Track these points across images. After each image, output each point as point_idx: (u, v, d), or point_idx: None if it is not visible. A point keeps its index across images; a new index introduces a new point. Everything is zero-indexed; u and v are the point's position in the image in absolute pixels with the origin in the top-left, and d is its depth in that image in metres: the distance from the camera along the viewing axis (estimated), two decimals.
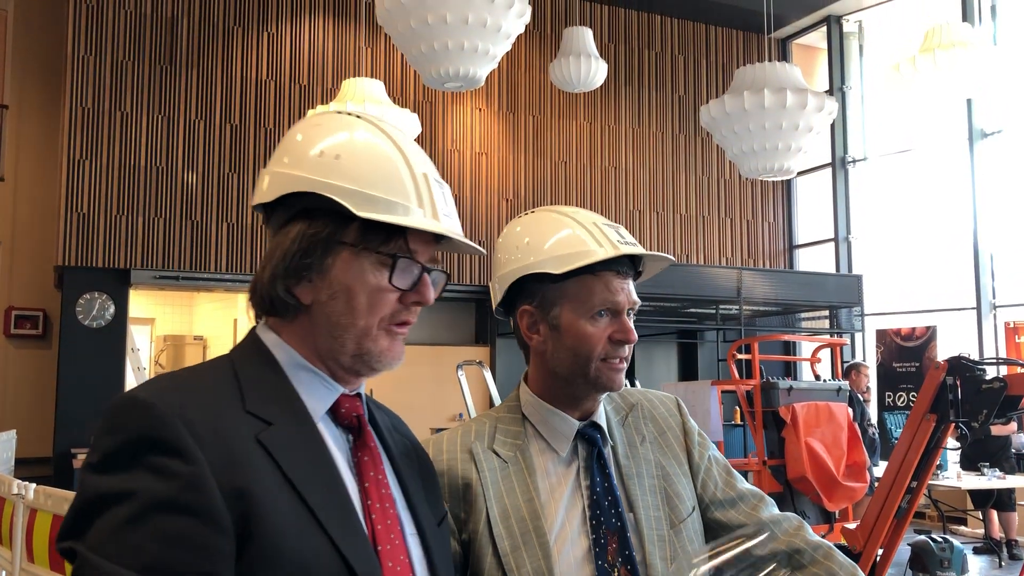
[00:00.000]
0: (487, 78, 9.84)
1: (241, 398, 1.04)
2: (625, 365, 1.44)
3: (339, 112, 1.17)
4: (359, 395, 1.16)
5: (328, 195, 1.07)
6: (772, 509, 1.51)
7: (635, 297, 1.44)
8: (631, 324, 1.43)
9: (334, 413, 1.12)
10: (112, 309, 9.15)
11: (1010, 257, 9.98)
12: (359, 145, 1.12)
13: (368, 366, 1.11)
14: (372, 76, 9.75)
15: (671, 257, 1.46)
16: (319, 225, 1.09)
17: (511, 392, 1.54)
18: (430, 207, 1.12)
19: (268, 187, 1.12)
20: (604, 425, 1.48)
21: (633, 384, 10.47)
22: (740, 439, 9.13)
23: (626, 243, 1.42)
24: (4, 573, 4.11)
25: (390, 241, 1.10)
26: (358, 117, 1.16)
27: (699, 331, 11.70)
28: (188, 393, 1.01)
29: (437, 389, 9.89)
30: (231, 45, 9.89)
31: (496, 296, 1.52)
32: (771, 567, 1.26)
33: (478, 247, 1.18)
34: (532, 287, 1.44)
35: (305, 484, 1.00)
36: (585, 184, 11.36)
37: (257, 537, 0.95)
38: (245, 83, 9.91)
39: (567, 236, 1.42)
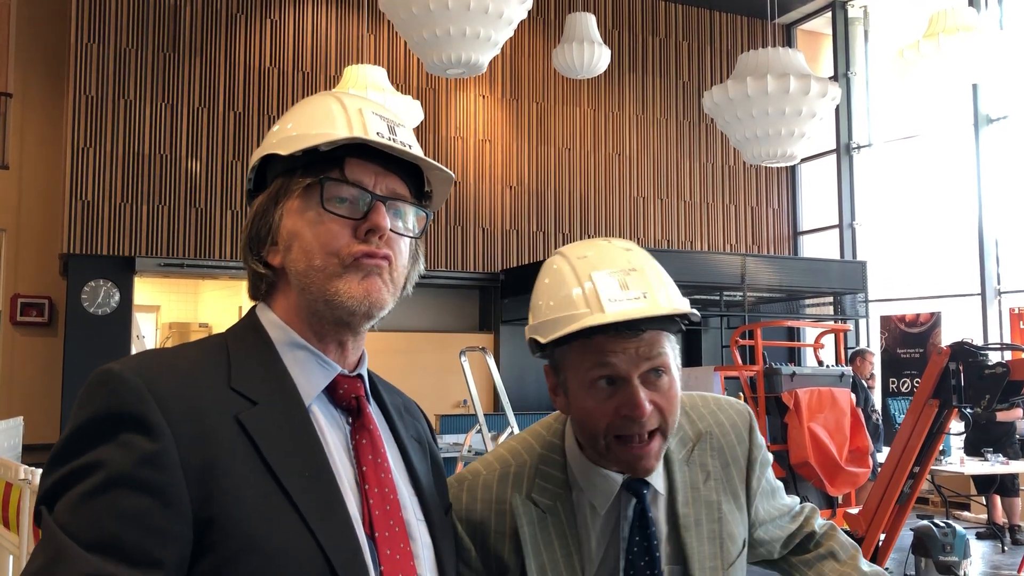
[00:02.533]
0: (490, 65, 9.81)
1: (228, 375, 1.01)
2: (656, 443, 1.23)
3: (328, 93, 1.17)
4: (360, 376, 1.11)
5: (267, 152, 1.09)
6: (798, 519, 1.51)
7: (653, 357, 1.20)
8: (651, 388, 1.21)
9: (332, 394, 1.07)
10: (117, 296, 9.18)
11: (1015, 243, 9.96)
12: (300, 106, 1.14)
13: (346, 310, 1.05)
14: (375, 63, 9.74)
15: (695, 313, 1.23)
16: (272, 187, 1.09)
17: (555, 416, 1.39)
18: (362, 129, 1.07)
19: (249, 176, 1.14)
20: (658, 478, 1.32)
21: None
22: None
23: (625, 300, 1.20)
24: (12, 558, 4.15)
25: (330, 172, 1.07)
26: (331, 92, 1.16)
27: (703, 317, 11.70)
28: (166, 367, 0.99)
29: (441, 376, 9.92)
30: (234, 32, 9.89)
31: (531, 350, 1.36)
32: None
33: (437, 164, 1.12)
34: (544, 347, 1.28)
35: (284, 467, 0.96)
36: (589, 171, 11.35)
37: (220, 521, 0.91)
38: (248, 70, 9.91)
39: (560, 297, 1.25)
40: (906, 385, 10.00)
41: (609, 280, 1.21)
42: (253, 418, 0.97)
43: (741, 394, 9.76)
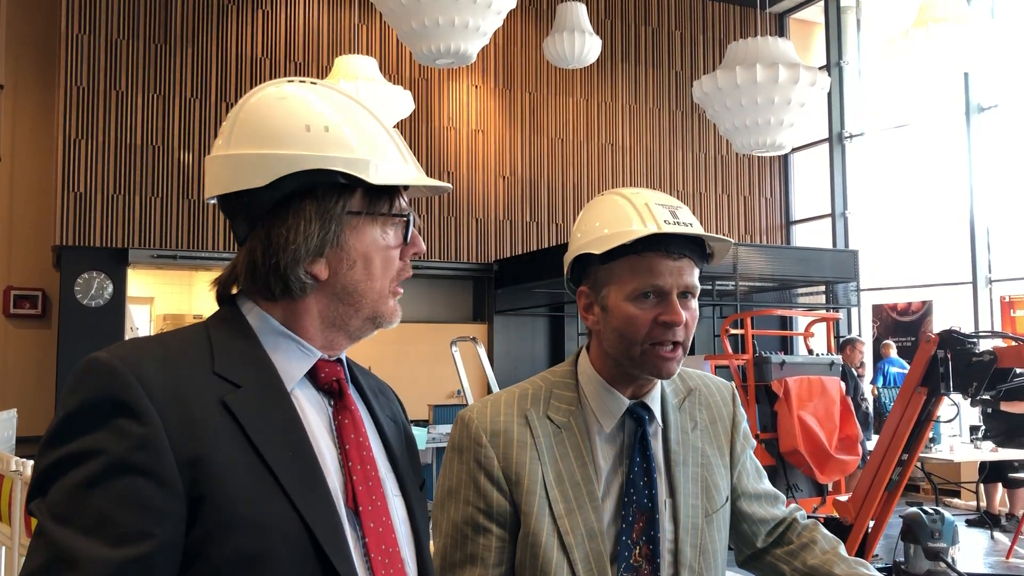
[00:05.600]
0: (483, 55, 9.78)
1: (211, 360, 1.05)
2: (679, 352, 1.41)
3: (288, 81, 1.16)
4: (340, 360, 1.16)
5: (336, 169, 1.08)
6: (782, 507, 1.62)
7: (689, 280, 1.40)
8: (681, 307, 1.40)
9: (314, 379, 1.12)
10: (110, 288, 9.18)
11: (1006, 231, 9.99)
12: (340, 113, 1.13)
13: (376, 327, 1.15)
14: (367, 53, 9.73)
15: (730, 239, 1.44)
16: (329, 200, 1.10)
17: (568, 358, 1.55)
18: (411, 158, 1.16)
19: (251, 172, 1.08)
20: (657, 407, 1.49)
21: None
22: None
23: (677, 223, 1.39)
24: (4, 549, 4.17)
25: (393, 201, 1.14)
26: (313, 83, 1.17)
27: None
28: (152, 355, 1.02)
29: (434, 366, 9.94)
30: (225, 23, 9.86)
31: (566, 276, 1.53)
32: None
33: (445, 184, 1.20)
34: (587, 268, 1.46)
35: (269, 447, 1.01)
36: (582, 161, 11.35)
37: (210, 500, 0.96)
38: (240, 61, 9.89)
39: (614, 216, 1.43)
40: None
41: (661, 208, 1.41)
42: (237, 401, 1.02)
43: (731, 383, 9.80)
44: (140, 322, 11.56)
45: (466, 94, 10.82)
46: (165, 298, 12.72)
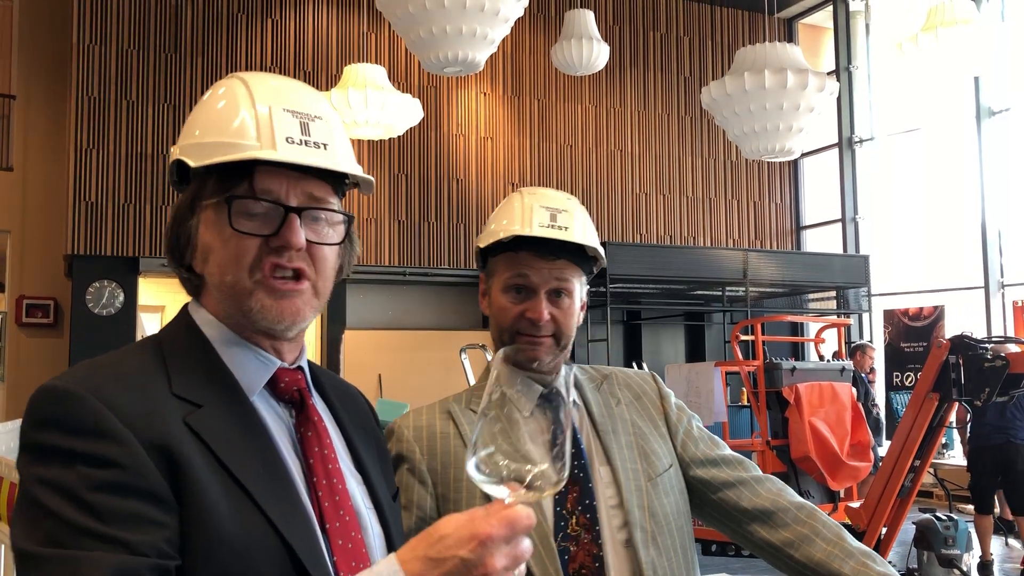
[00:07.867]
0: (491, 62, 9.80)
1: (168, 381, 0.99)
2: (548, 341, 1.48)
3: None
4: (300, 368, 1.10)
5: (176, 157, 1.05)
6: (756, 471, 1.57)
7: (561, 280, 1.48)
8: (552, 304, 1.48)
9: (273, 388, 1.06)
10: (122, 297, 9.22)
11: (1018, 235, 9.94)
12: (204, 101, 1.10)
13: (263, 327, 1.04)
14: (376, 62, 9.75)
15: (599, 250, 1.53)
16: (186, 192, 1.06)
17: None
18: (269, 139, 1.02)
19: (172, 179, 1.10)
20: (569, 392, 1.49)
21: (641, 366, 10.51)
22: (747, 420, 9.15)
23: (552, 227, 1.47)
24: (2, 546, 4.18)
25: (237, 187, 1.02)
26: (232, 76, 1.13)
27: (706, 313, 11.70)
28: (109, 378, 0.98)
29: (445, 373, 9.93)
30: (235, 32, 9.91)
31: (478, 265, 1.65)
32: None
33: (361, 173, 1.08)
34: (485, 259, 1.58)
35: (239, 465, 0.96)
36: (591, 167, 11.35)
37: (191, 518, 0.92)
38: (250, 70, 9.88)
39: (506, 214, 1.53)
40: (910, 379, 9.99)
41: (543, 212, 1.49)
42: (200, 421, 0.97)
43: (743, 389, 9.77)
44: (151, 330, 11.60)
45: (475, 101, 10.83)
46: (176, 306, 12.65)
